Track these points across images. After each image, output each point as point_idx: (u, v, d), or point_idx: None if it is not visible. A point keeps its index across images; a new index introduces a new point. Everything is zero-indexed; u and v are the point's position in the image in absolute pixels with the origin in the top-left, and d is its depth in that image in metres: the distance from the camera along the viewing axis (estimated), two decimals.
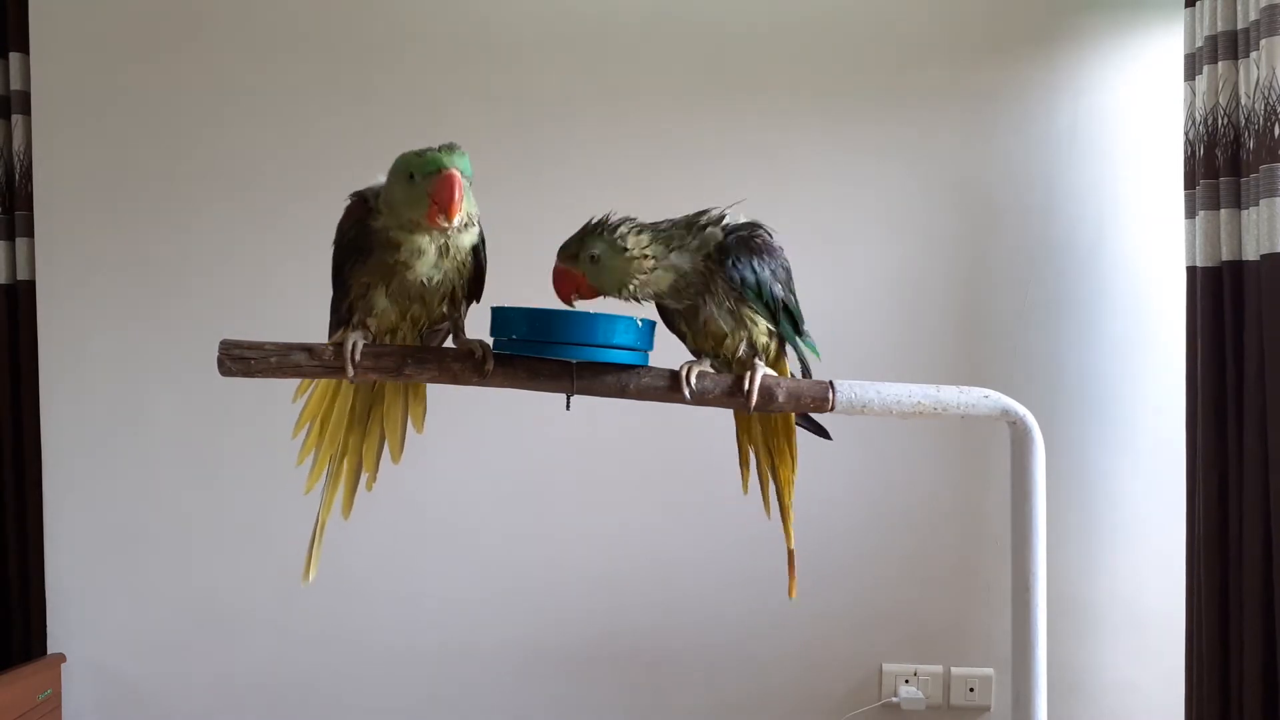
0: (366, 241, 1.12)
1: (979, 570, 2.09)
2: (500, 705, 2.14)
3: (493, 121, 2.11)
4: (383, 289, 1.13)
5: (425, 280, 1.11)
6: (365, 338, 1.14)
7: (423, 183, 1.05)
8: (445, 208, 1.03)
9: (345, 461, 1.25)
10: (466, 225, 1.11)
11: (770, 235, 1.19)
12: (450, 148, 1.07)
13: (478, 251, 1.17)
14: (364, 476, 1.27)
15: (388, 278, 1.12)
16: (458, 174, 1.04)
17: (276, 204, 2.13)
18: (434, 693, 2.14)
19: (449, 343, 1.23)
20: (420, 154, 1.06)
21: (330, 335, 1.19)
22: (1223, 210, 1.79)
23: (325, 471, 1.24)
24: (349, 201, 1.15)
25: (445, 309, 1.18)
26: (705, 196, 2.10)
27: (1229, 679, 1.79)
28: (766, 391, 1.16)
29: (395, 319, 1.16)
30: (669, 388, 1.15)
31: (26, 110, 2.14)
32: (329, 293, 1.20)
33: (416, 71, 2.12)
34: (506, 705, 2.14)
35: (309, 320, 1.27)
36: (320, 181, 2.08)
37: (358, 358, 1.11)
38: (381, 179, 1.12)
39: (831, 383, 1.17)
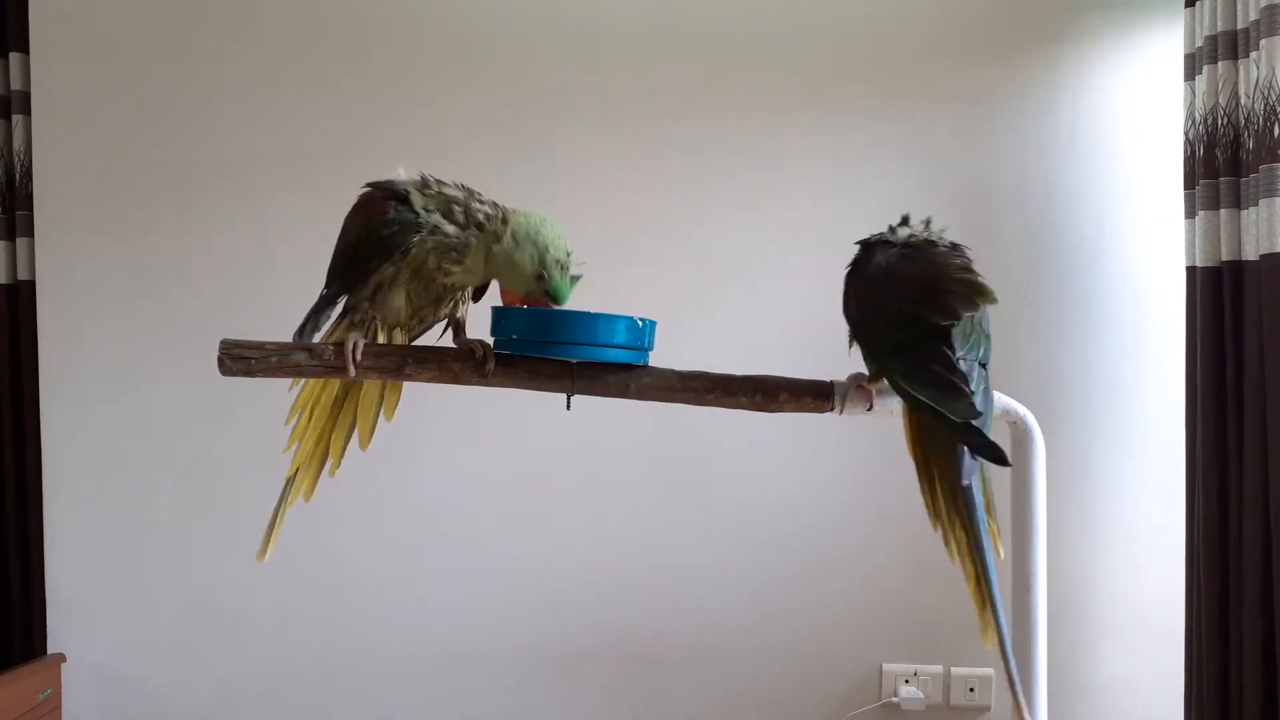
0: (401, 242, 1.08)
1: None
2: (500, 707, 2.14)
3: (492, 120, 2.11)
4: (403, 290, 1.13)
5: (457, 284, 1.14)
6: (364, 337, 1.14)
7: (536, 285, 1.07)
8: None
9: (317, 447, 1.23)
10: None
11: None
12: (575, 280, 1.10)
13: None
14: (329, 464, 1.23)
15: (413, 280, 1.12)
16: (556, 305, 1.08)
17: (277, 203, 2.13)
18: (435, 693, 2.14)
19: (449, 342, 1.22)
20: (563, 266, 1.08)
21: (305, 324, 1.15)
22: (1222, 210, 1.79)
23: (307, 456, 1.22)
24: (370, 192, 1.11)
25: (449, 309, 1.18)
26: (704, 194, 2.12)
27: (1229, 679, 1.79)
28: (768, 391, 1.16)
29: (404, 317, 1.17)
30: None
31: (26, 110, 2.14)
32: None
33: (417, 71, 2.12)
34: (506, 707, 2.14)
35: None
36: (321, 181, 2.09)
37: (359, 357, 1.11)
38: (401, 174, 1.10)
39: (833, 383, 1.17)
